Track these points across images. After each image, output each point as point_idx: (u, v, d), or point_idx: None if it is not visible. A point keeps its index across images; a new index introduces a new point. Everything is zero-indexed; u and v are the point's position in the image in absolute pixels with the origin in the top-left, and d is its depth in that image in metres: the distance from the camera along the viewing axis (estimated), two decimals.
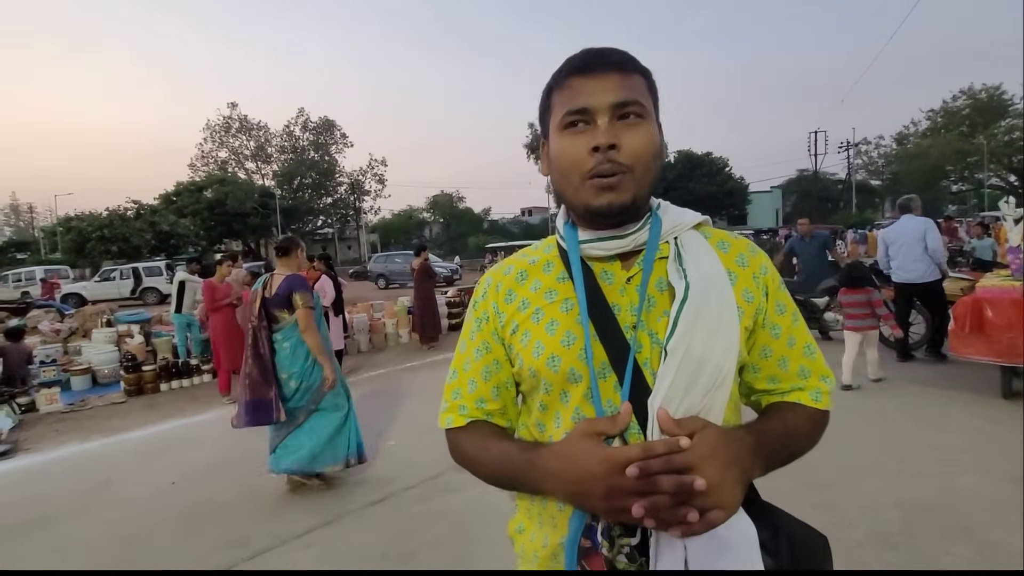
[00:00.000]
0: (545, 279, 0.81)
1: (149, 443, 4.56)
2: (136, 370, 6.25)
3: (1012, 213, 4.41)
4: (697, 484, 0.59)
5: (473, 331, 0.85)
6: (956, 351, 4.20)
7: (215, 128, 40.20)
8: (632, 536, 0.67)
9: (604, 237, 0.76)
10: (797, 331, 0.80)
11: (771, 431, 0.74)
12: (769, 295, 0.79)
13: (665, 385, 0.67)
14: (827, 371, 0.82)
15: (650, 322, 0.73)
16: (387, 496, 3.20)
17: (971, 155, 34.53)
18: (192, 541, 2.86)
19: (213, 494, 3.41)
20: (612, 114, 0.71)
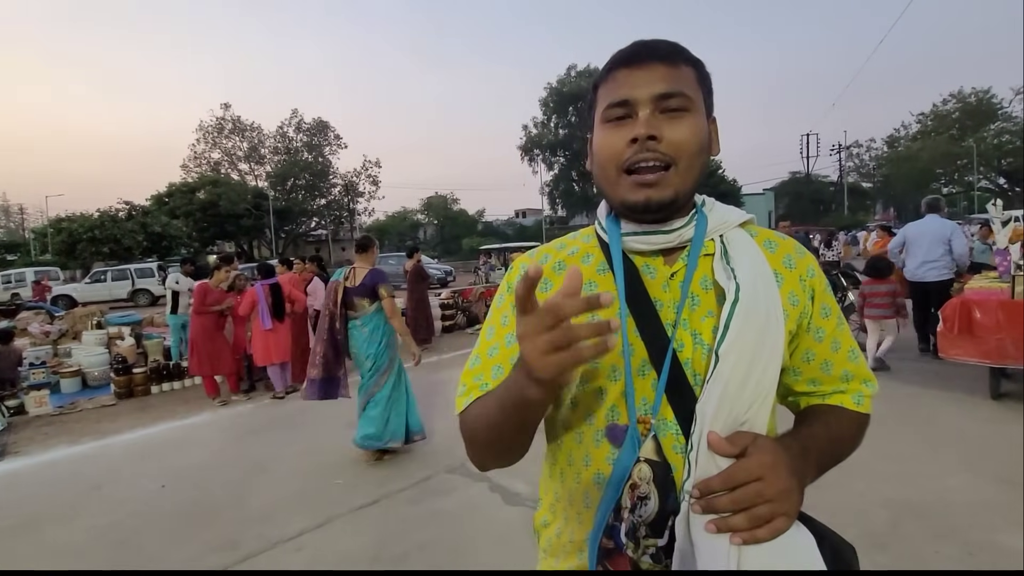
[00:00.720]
0: (585, 270, 0.78)
1: (139, 446, 4.52)
2: (126, 372, 6.19)
3: (999, 216, 4.47)
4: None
5: (507, 316, 0.80)
6: (945, 352, 4.24)
7: (208, 129, 39.95)
8: (659, 537, 0.65)
9: (649, 231, 0.74)
10: (842, 335, 0.78)
11: (816, 436, 0.72)
12: (815, 298, 0.76)
13: (717, 391, 0.65)
14: (870, 375, 0.80)
15: (693, 321, 0.71)
16: (379, 499, 3.19)
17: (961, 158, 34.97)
18: (182, 544, 2.83)
19: (203, 497, 3.38)
20: (654, 106, 0.69)
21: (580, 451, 0.76)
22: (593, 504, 0.73)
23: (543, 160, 42.08)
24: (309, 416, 5.09)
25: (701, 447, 0.63)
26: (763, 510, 0.59)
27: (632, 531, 0.66)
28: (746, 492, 0.59)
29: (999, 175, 35.95)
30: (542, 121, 41.90)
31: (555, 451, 0.82)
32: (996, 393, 4.21)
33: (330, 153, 41.73)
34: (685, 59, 0.72)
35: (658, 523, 0.65)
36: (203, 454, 4.20)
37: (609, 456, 0.72)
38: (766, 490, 0.59)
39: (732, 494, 0.60)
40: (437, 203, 46.63)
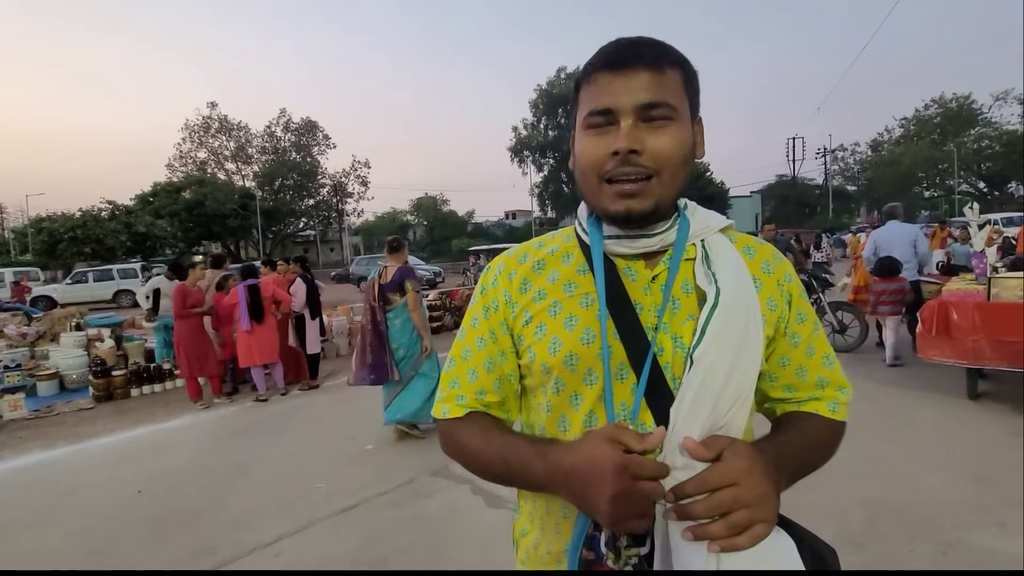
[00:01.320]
0: (564, 270, 0.77)
1: (117, 450, 4.44)
2: (106, 375, 6.08)
3: (976, 219, 4.55)
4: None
5: (478, 318, 0.81)
6: (923, 353, 4.31)
7: (194, 128, 39.46)
8: (641, 545, 0.64)
9: (631, 235, 0.73)
10: (817, 340, 0.78)
11: (791, 442, 0.71)
12: (792, 303, 0.77)
13: (691, 394, 0.64)
14: (844, 382, 0.80)
15: (674, 325, 0.70)
16: (360, 502, 3.16)
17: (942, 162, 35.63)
18: (157, 550, 2.78)
19: (180, 502, 3.32)
20: (637, 116, 0.67)
21: None
22: (572, 514, 0.71)
23: (533, 162, 42.13)
24: (292, 419, 5.04)
25: (671, 450, 0.62)
26: (741, 516, 0.58)
27: (612, 540, 0.64)
28: (722, 497, 0.58)
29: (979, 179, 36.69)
30: (532, 123, 41.96)
31: None
32: (973, 393, 4.28)
33: (319, 153, 41.46)
34: (671, 62, 0.70)
35: (640, 532, 0.63)
36: (182, 458, 4.13)
37: None
38: (743, 495, 0.58)
39: (708, 499, 0.59)
40: (427, 204, 46.50)
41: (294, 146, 40.73)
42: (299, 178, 40.25)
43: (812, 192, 45.50)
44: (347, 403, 5.46)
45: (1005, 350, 3.84)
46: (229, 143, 40.59)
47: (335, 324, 8.19)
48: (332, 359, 7.73)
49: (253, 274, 5.81)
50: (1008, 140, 32.72)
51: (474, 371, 0.79)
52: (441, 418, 0.80)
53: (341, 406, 5.38)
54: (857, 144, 45.66)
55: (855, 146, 44.95)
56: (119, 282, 19.36)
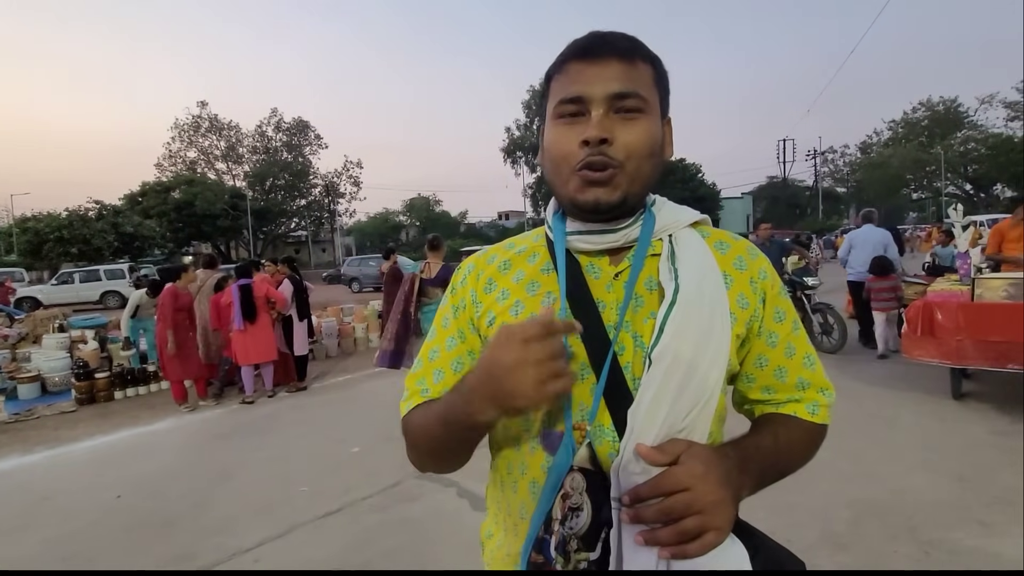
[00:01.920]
0: (529, 269, 0.76)
1: (97, 454, 4.36)
2: (88, 377, 5.98)
3: (960, 220, 4.59)
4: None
5: (448, 318, 0.80)
6: (908, 353, 4.33)
7: (184, 127, 39.04)
8: (591, 550, 0.61)
9: (594, 231, 0.72)
10: (797, 340, 0.75)
11: (760, 446, 0.69)
12: (767, 301, 0.74)
13: (649, 396, 0.62)
14: (827, 383, 0.77)
15: (635, 323, 0.69)
16: (343, 506, 3.12)
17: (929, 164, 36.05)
18: (135, 557, 2.73)
19: (161, 506, 3.27)
20: (608, 106, 0.66)
21: (518, 459, 0.73)
22: (528, 515, 0.69)
23: (526, 162, 42.10)
24: (278, 422, 4.98)
25: (627, 454, 0.61)
26: (691, 523, 0.56)
27: (562, 544, 0.62)
28: (674, 503, 0.57)
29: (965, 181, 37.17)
30: (525, 124, 41.95)
31: (496, 459, 0.79)
32: (957, 393, 4.32)
33: (310, 153, 41.16)
34: (643, 56, 0.69)
35: (590, 536, 0.61)
36: (164, 462, 4.07)
37: (544, 464, 0.69)
38: (695, 501, 0.57)
39: (660, 504, 0.57)
40: (419, 204, 46.42)
41: (285, 146, 40.43)
42: (290, 178, 39.96)
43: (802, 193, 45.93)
44: (335, 405, 5.42)
45: (988, 350, 3.87)
46: (219, 142, 40.21)
47: (324, 325, 8.12)
48: (321, 360, 7.67)
49: (245, 274, 5.77)
50: (994, 143, 33.19)
51: (440, 371, 0.78)
52: (404, 415, 0.78)
53: (329, 408, 5.34)
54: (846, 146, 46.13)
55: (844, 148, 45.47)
56: (106, 283, 19.10)
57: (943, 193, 35.85)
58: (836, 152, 45.62)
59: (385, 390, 5.93)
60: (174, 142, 39.11)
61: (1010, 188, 32.75)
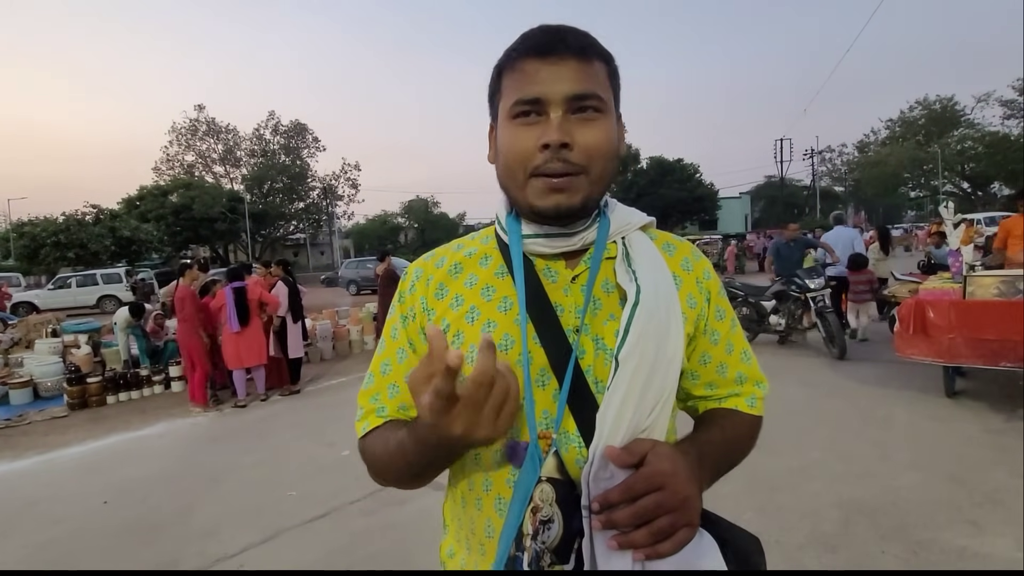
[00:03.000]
0: (482, 274, 0.73)
1: (87, 460, 4.33)
2: (80, 382, 5.96)
3: (951, 218, 4.57)
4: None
5: (396, 329, 0.76)
6: (901, 351, 4.31)
7: (181, 131, 39.05)
8: (565, 562, 0.60)
9: (551, 234, 0.69)
10: (735, 337, 0.78)
11: (712, 441, 0.71)
12: (711, 300, 0.76)
13: (617, 399, 0.61)
14: (761, 376, 0.80)
15: (595, 326, 0.68)
16: (329, 511, 3.09)
17: (927, 163, 36.08)
18: (117, 563, 2.70)
19: (148, 512, 3.24)
20: (567, 107, 0.64)
21: (479, 474, 0.70)
22: (495, 533, 0.67)
23: None
24: (270, 425, 4.96)
25: (597, 459, 0.59)
26: (664, 522, 0.57)
27: (536, 560, 0.59)
28: (646, 504, 0.56)
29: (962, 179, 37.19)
30: None
31: (455, 474, 0.75)
32: (951, 391, 4.30)
33: (308, 156, 41.15)
34: (598, 53, 0.67)
35: (563, 548, 0.59)
36: (154, 467, 4.04)
37: (509, 479, 0.66)
38: (667, 500, 0.57)
39: (632, 506, 0.57)
40: (417, 206, 46.32)
41: (283, 149, 40.42)
42: (288, 181, 39.93)
43: (800, 193, 45.93)
44: (328, 408, 5.39)
45: (981, 348, 3.85)
46: (217, 146, 40.23)
47: (319, 328, 8.10)
48: (316, 363, 7.64)
49: (237, 277, 5.76)
50: (990, 141, 33.22)
51: (394, 385, 0.74)
52: (361, 436, 0.75)
53: (322, 411, 5.31)
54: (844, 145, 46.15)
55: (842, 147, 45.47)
56: (103, 287, 19.04)
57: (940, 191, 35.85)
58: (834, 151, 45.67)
59: None
60: (171, 146, 39.13)
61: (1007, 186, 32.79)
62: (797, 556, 2.38)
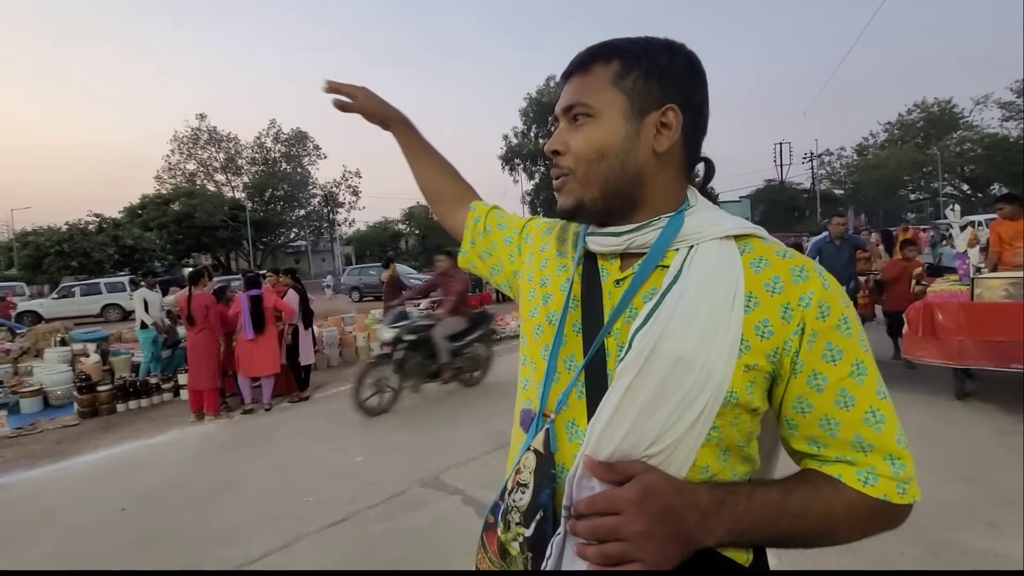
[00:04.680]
0: (566, 251, 0.82)
1: (100, 467, 4.35)
2: (91, 390, 5.97)
3: (958, 221, 4.61)
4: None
5: (505, 224, 0.95)
6: (910, 354, 4.34)
7: (183, 140, 39.33)
8: (527, 527, 0.64)
9: (600, 233, 0.73)
10: (858, 389, 0.62)
11: (757, 496, 0.60)
12: (817, 335, 0.62)
13: (608, 411, 0.60)
14: (899, 451, 0.62)
15: (624, 332, 0.66)
16: (348, 516, 3.11)
17: (926, 165, 36.19)
18: (139, 569, 2.71)
19: (165, 519, 3.25)
20: (567, 119, 0.72)
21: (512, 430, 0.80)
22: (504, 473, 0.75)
23: (524, 169, 42.30)
24: (281, 432, 4.97)
25: (581, 466, 0.61)
26: (613, 548, 0.56)
27: (505, 513, 0.67)
28: (600, 524, 0.57)
29: (963, 181, 37.29)
30: (522, 131, 42.19)
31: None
32: (960, 393, 4.31)
33: (309, 164, 41.40)
34: (602, 58, 0.69)
35: (528, 514, 0.64)
36: (168, 474, 4.06)
37: (520, 440, 0.74)
38: (621, 527, 0.56)
39: (589, 522, 0.58)
40: (419, 213, 46.34)
41: (284, 157, 40.64)
42: (290, 188, 40.13)
43: (800, 196, 45.99)
44: (338, 414, 5.39)
45: (990, 350, 3.88)
46: (219, 154, 40.46)
47: (326, 335, 8.12)
48: (323, 370, 7.65)
49: (255, 284, 5.80)
50: (989, 143, 33.36)
51: (504, 223, 0.97)
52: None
53: (332, 418, 5.32)
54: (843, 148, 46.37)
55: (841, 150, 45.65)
56: (107, 296, 19.09)
57: (941, 193, 35.93)
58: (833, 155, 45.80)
59: None
60: (173, 154, 39.41)
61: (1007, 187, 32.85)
62: (816, 557, 2.39)
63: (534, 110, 40.88)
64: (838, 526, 0.62)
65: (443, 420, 4.83)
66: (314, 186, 41.35)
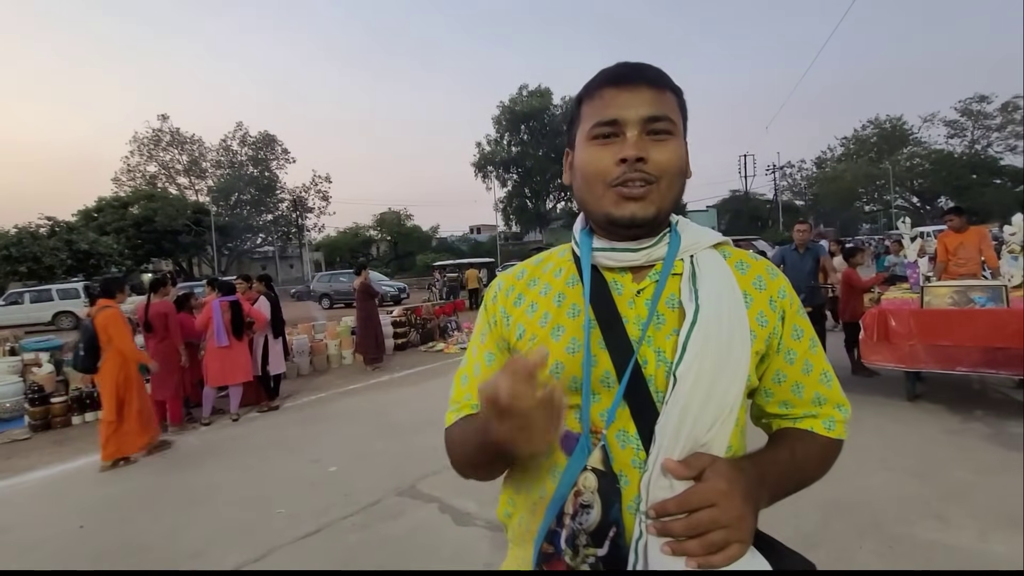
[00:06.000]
0: (555, 283, 0.81)
1: (56, 483, 4.15)
2: (43, 402, 5.69)
3: (908, 232, 4.89)
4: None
5: (484, 335, 0.86)
6: (866, 358, 4.57)
7: (143, 141, 37.98)
8: (599, 547, 0.64)
9: (618, 248, 0.76)
10: (814, 357, 0.78)
11: (777, 460, 0.73)
12: (786, 319, 0.77)
13: (676, 412, 0.66)
14: (843, 400, 0.80)
15: (657, 339, 0.72)
16: (322, 527, 3.06)
17: (879, 179, 38.07)
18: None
19: (129, 535, 3.13)
20: (642, 128, 0.71)
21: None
22: (547, 496, 0.72)
23: (496, 177, 42.52)
24: (251, 442, 4.85)
25: (656, 468, 0.65)
26: (717, 536, 0.61)
27: (572, 538, 0.65)
28: (700, 518, 0.61)
29: (912, 194, 39.40)
30: (495, 139, 42.45)
31: None
32: (912, 395, 4.56)
33: (277, 168, 40.60)
34: (668, 85, 0.76)
35: (599, 533, 0.65)
36: (130, 488, 3.90)
37: (555, 464, 0.74)
38: (721, 516, 0.61)
39: (687, 519, 0.62)
40: (390, 219, 45.99)
41: (251, 160, 39.70)
42: (257, 193, 39.21)
43: (763, 207, 47.66)
44: (309, 424, 5.30)
45: (938, 354, 4.13)
46: (181, 157, 39.24)
47: (296, 343, 7.96)
48: (293, 379, 7.50)
49: (231, 291, 5.65)
50: (936, 158, 35.41)
51: None
52: (447, 426, 0.85)
53: (303, 427, 5.22)
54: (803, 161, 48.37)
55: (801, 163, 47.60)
56: (59, 303, 18.18)
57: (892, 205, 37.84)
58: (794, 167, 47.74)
59: (359, 408, 5.85)
60: (133, 156, 38.03)
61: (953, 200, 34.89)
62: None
63: (507, 118, 41.22)
64: (818, 467, 0.78)
65: (418, 427, 4.80)
66: (282, 190, 40.52)
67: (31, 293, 18.53)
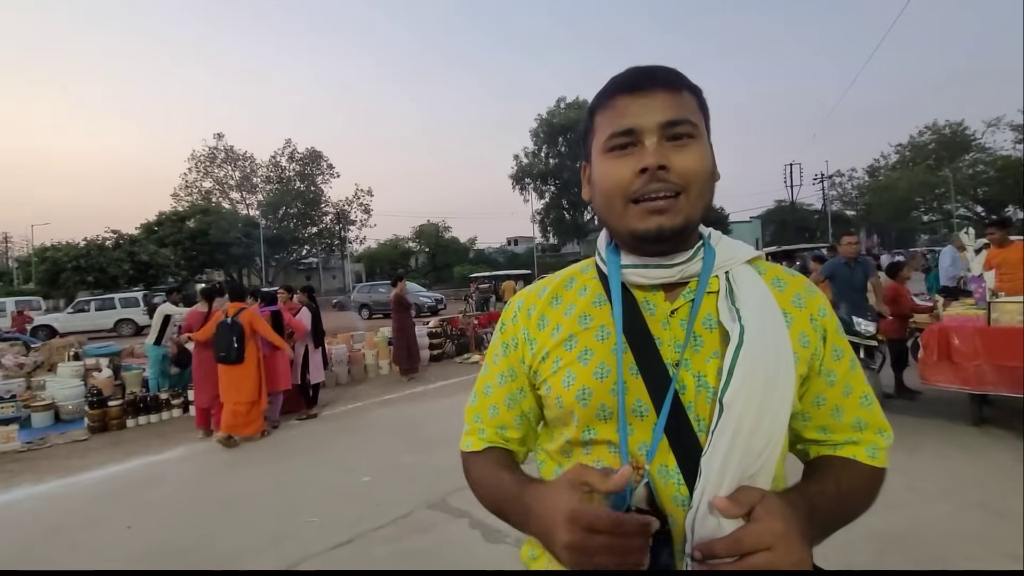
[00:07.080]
0: (580, 303, 0.75)
1: (108, 484, 4.36)
2: (101, 405, 6.02)
3: (972, 244, 4.56)
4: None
5: (498, 355, 0.81)
6: (925, 379, 4.25)
7: (200, 158, 40.32)
8: None
9: (649, 265, 0.70)
10: (854, 379, 0.73)
11: (825, 494, 0.66)
12: (827, 339, 0.72)
13: (724, 443, 0.60)
14: (885, 424, 0.74)
15: (696, 362, 0.67)
16: (353, 538, 3.08)
17: (938, 187, 35.91)
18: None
19: (171, 537, 3.24)
20: (661, 134, 0.66)
21: None
22: None
23: (534, 189, 42.71)
24: (289, 450, 4.96)
25: (703, 505, 0.59)
26: None
27: None
28: (756, 561, 0.55)
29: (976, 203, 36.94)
30: (533, 151, 42.71)
31: (544, 477, 0.79)
32: (978, 420, 4.21)
33: (322, 182, 42.16)
34: (685, 85, 0.70)
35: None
36: (174, 491, 4.06)
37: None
38: (778, 561, 0.55)
39: (742, 562, 0.55)
40: (428, 231, 46.84)
41: (298, 175, 41.42)
42: (303, 206, 40.81)
43: (811, 217, 45.81)
44: (346, 433, 5.39)
45: (1007, 375, 3.80)
46: (234, 173, 41.38)
47: (335, 352, 8.15)
48: (331, 388, 7.66)
49: (272, 301, 5.87)
50: (1003, 165, 33.10)
51: (495, 407, 0.81)
52: (464, 451, 0.83)
53: (339, 437, 5.31)
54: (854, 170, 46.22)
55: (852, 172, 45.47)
56: (120, 311, 19.39)
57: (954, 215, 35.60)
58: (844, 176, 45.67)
59: (394, 418, 5.91)
60: (190, 172, 40.35)
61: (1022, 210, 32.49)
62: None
63: (544, 130, 41.46)
64: (862, 499, 0.71)
65: (450, 440, 4.80)
66: (327, 204, 42.00)
67: (96, 301, 19.82)
